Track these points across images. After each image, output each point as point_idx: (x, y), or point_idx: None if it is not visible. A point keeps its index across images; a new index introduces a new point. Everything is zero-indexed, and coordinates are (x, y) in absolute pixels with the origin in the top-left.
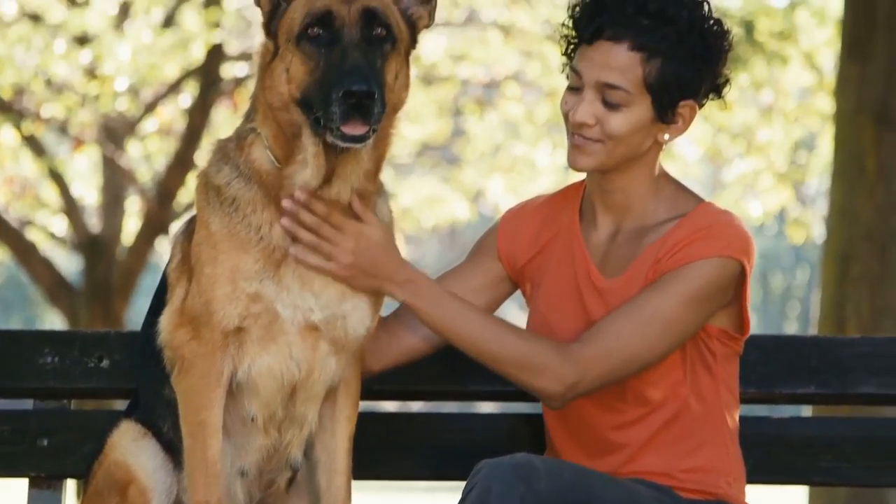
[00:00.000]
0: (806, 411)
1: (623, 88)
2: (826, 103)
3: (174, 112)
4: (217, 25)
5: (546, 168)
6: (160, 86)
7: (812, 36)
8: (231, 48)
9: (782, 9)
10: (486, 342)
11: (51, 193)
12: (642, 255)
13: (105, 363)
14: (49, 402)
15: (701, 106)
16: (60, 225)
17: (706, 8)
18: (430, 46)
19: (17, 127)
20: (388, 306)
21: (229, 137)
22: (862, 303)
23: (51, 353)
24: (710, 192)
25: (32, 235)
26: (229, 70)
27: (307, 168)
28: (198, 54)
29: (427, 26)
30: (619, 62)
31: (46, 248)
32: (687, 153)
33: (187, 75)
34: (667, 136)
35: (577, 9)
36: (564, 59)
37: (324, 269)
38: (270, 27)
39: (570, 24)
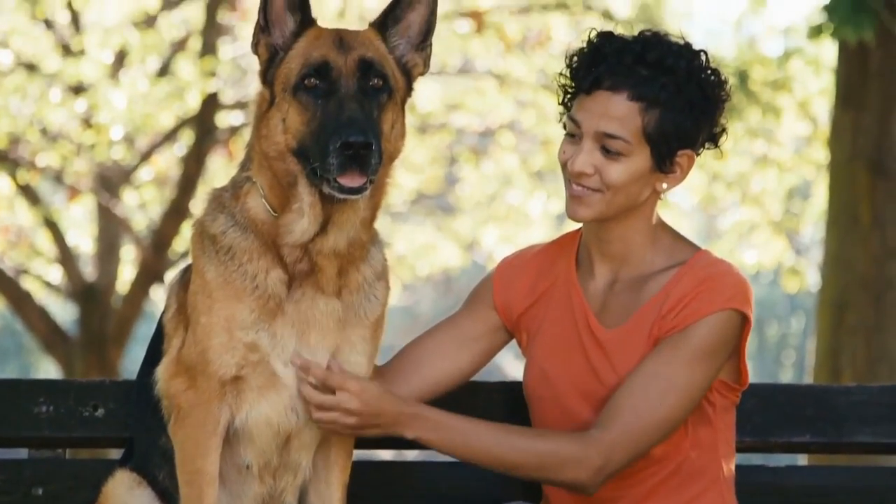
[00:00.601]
0: (801, 460)
1: (622, 138)
2: (820, 152)
3: (169, 161)
4: (212, 74)
5: (540, 217)
6: (155, 134)
7: (806, 85)
8: (226, 97)
9: (777, 58)
10: (503, 454)
11: (46, 242)
12: (644, 306)
13: (100, 412)
14: (44, 450)
15: (698, 155)
16: (56, 273)
17: (704, 58)
18: (426, 95)
19: (13, 176)
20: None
21: (225, 186)
22: (857, 351)
23: (46, 401)
24: (704, 241)
25: (28, 284)
26: (224, 119)
27: (303, 217)
28: (193, 103)
29: (422, 73)
30: (618, 112)
31: (42, 296)
32: (682, 202)
33: (182, 124)
34: (665, 186)
35: (576, 59)
36: (562, 108)
37: (334, 430)
38: (267, 76)
39: (568, 74)
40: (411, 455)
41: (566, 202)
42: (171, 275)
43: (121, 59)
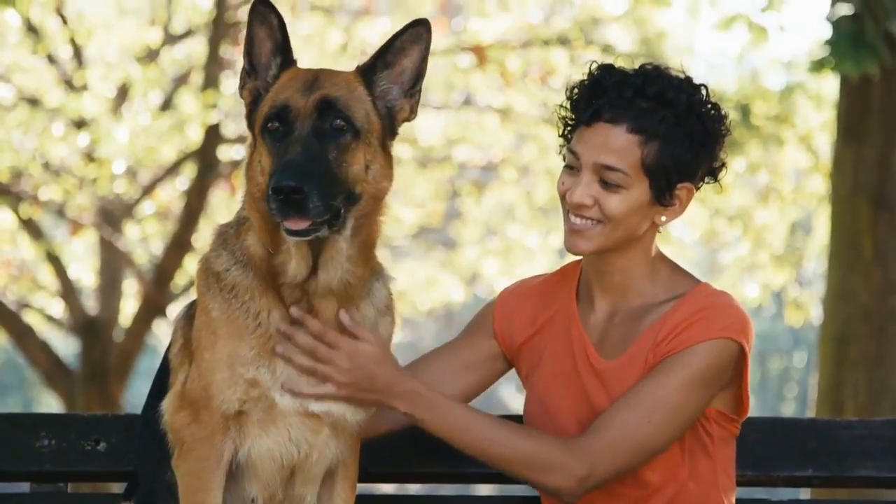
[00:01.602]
0: (804, 494)
1: (621, 170)
2: (822, 185)
3: (171, 194)
4: (214, 108)
5: (541, 250)
6: (158, 168)
7: (808, 119)
8: (228, 130)
9: (778, 92)
10: (491, 444)
11: (48, 276)
12: (641, 337)
13: (102, 446)
14: (45, 485)
15: (698, 189)
16: (57, 307)
17: (704, 92)
18: (427, 129)
19: (15, 210)
20: None
21: (230, 223)
22: (859, 385)
23: (47, 436)
24: (706, 275)
25: (29, 318)
26: (226, 152)
27: (292, 258)
28: (195, 137)
29: (408, 119)
30: (618, 144)
31: (43, 330)
32: (683, 236)
33: (185, 158)
34: (664, 219)
35: (576, 91)
36: (562, 140)
37: (321, 393)
38: (250, 120)
39: (569, 106)
40: (413, 489)
41: (565, 235)
42: (173, 308)
43: (123, 93)
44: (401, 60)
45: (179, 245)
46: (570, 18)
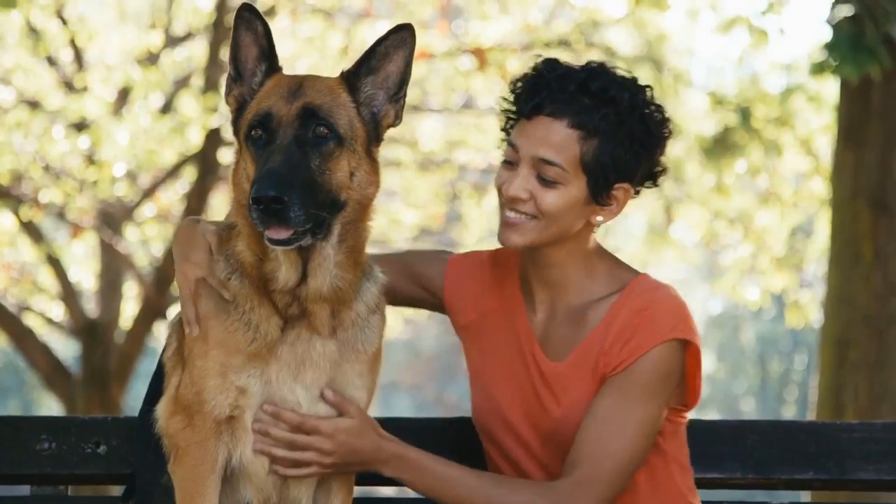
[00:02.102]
0: (804, 497)
1: (559, 165)
2: (822, 189)
3: (172, 197)
4: (214, 111)
5: None
6: (158, 171)
7: (808, 122)
8: (229, 133)
9: (778, 95)
10: (478, 501)
11: (48, 279)
12: (585, 339)
13: (102, 449)
14: (46, 487)
15: (636, 192)
16: (58, 310)
17: (648, 93)
18: (428, 132)
19: (16, 212)
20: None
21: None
22: (860, 388)
23: (48, 438)
24: (707, 277)
25: (30, 321)
26: (227, 155)
27: (281, 266)
28: (195, 140)
29: (393, 125)
30: (557, 139)
31: (44, 333)
32: (684, 238)
33: (185, 161)
34: (600, 219)
35: (519, 84)
36: (503, 135)
37: (309, 475)
38: (236, 126)
39: (512, 99)
40: (413, 492)
41: (499, 228)
42: (173, 311)
43: (123, 95)
44: (385, 66)
45: None
46: (570, 21)
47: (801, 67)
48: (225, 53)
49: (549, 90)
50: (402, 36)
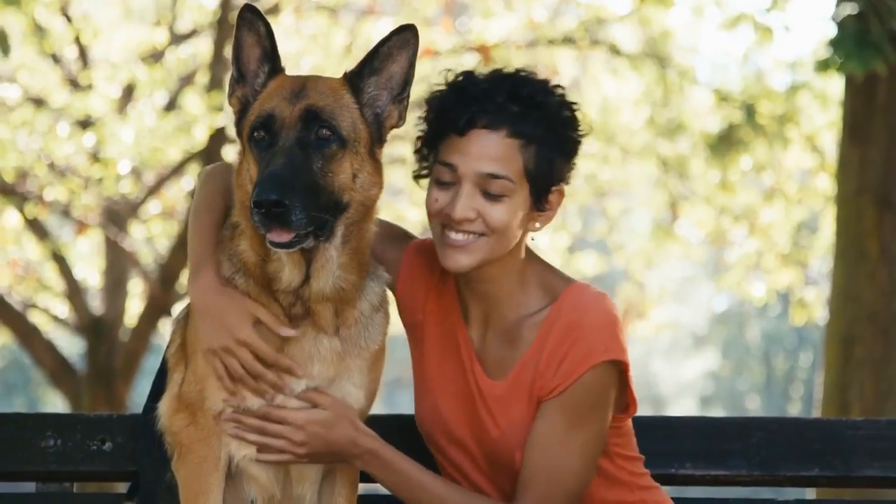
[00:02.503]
0: (810, 494)
1: (505, 177)
2: (828, 185)
3: (177, 194)
4: (219, 109)
5: (547, 249)
6: (163, 169)
7: (813, 119)
8: (233, 131)
9: (783, 92)
10: None
11: (53, 276)
12: (521, 360)
13: (107, 446)
14: (51, 484)
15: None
16: (63, 308)
17: (564, 93)
18: None
19: (21, 210)
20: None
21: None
22: (865, 385)
23: (53, 436)
24: (712, 274)
25: (35, 318)
26: (231, 153)
27: (285, 266)
28: (200, 137)
29: (396, 126)
30: (498, 151)
31: (49, 330)
32: (689, 235)
33: (190, 158)
34: (538, 225)
35: (437, 102)
36: (417, 156)
37: (283, 460)
38: (239, 128)
39: (434, 118)
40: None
41: (441, 253)
42: (178, 308)
43: (128, 93)
44: (388, 66)
45: (185, 245)
46: (575, 18)
47: (806, 64)
48: (229, 51)
49: (478, 103)
50: (406, 36)
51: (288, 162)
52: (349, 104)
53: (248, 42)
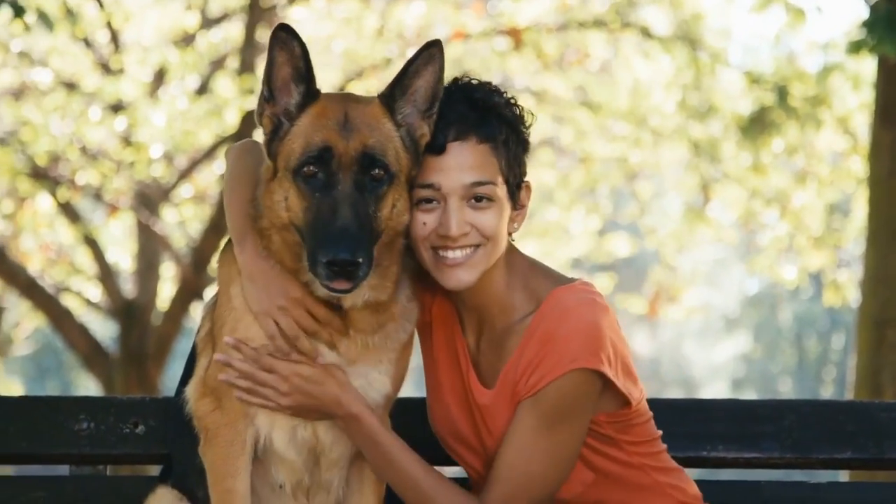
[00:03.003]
0: (843, 476)
1: (490, 182)
2: (860, 167)
3: (208, 178)
4: (251, 92)
5: (579, 232)
6: (195, 152)
7: (845, 101)
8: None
9: (816, 74)
10: (412, 486)
11: (86, 260)
12: (506, 367)
13: (140, 429)
14: (84, 467)
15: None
16: (95, 291)
17: (505, 92)
18: None
19: (53, 194)
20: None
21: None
22: None
23: (86, 419)
24: (744, 257)
25: (68, 302)
26: (262, 136)
27: (316, 282)
28: (231, 121)
29: (428, 140)
30: (475, 159)
31: (81, 314)
32: (721, 218)
33: (221, 142)
34: (516, 226)
35: None
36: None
37: (268, 407)
38: (270, 148)
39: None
40: (450, 471)
41: (439, 275)
42: (210, 292)
43: (160, 77)
44: (415, 82)
45: (216, 229)
46: (606, 1)
47: (839, 46)
48: (261, 34)
49: (443, 118)
50: (431, 52)
51: (355, 215)
52: (391, 133)
53: (279, 61)
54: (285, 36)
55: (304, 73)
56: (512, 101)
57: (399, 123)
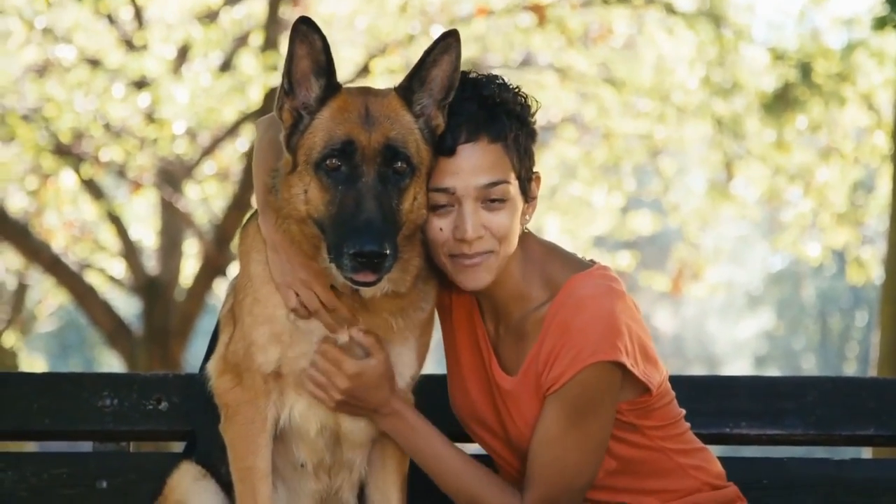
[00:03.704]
0: (866, 453)
1: (504, 181)
2: (884, 143)
3: (231, 155)
4: (274, 69)
5: (602, 209)
6: (218, 129)
7: (870, 77)
8: None
9: (840, 50)
10: (455, 480)
11: (109, 237)
12: (528, 357)
13: (163, 405)
14: (108, 444)
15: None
16: (119, 268)
17: (511, 84)
18: None
19: (76, 171)
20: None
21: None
22: None
23: (110, 395)
24: (767, 233)
25: (91, 278)
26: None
27: (334, 273)
28: (255, 97)
29: (442, 130)
30: (488, 159)
31: (105, 290)
32: (745, 194)
33: (244, 119)
34: (528, 218)
35: None
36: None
37: (317, 397)
38: (290, 141)
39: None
40: (472, 448)
41: (458, 277)
42: (233, 269)
43: (183, 53)
44: (432, 71)
45: (239, 206)
46: None
47: (863, 22)
48: (284, 11)
49: (454, 118)
50: (448, 42)
51: (379, 206)
52: (411, 125)
53: (300, 54)
54: (306, 29)
55: (325, 66)
56: (517, 91)
57: (417, 115)
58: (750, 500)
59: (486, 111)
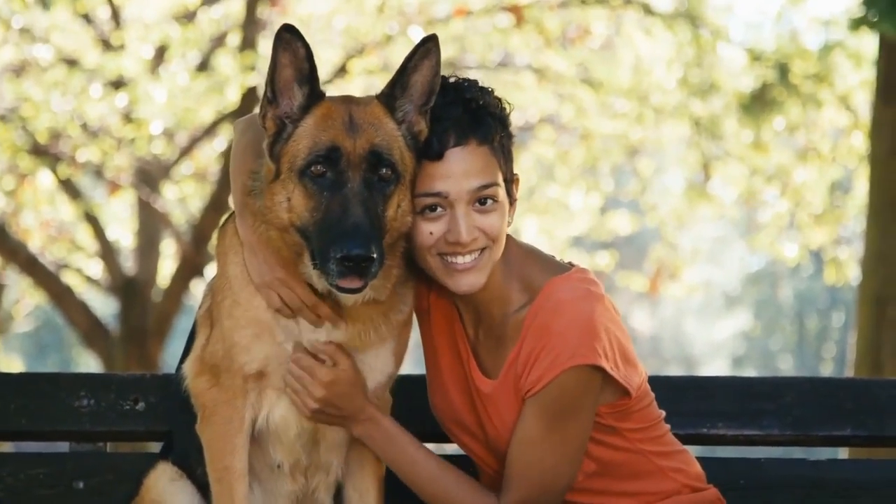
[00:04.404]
0: (842, 454)
1: (494, 183)
2: (861, 144)
3: (209, 155)
4: (252, 69)
5: (580, 210)
6: (195, 129)
7: (847, 78)
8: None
9: (817, 51)
10: (431, 485)
11: (86, 237)
12: (507, 361)
13: (141, 406)
14: (85, 444)
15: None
16: (96, 268)
17: (486, 87)
18: None
19: (54, 171)
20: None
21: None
22: None
23: (87, 395)
24: (745, 234)
25: (68, 278)
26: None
27: (316, 280)
28: (233, 98)
29: (425, 136)
30: (478, 162)
31: (82, 291)
32: (722, 195)
33: (222, 119)
34: (509, 219)
35: None
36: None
37: (294, 404)
38: (273, 150)
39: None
40: (450, 448)
41: (449, 280)
42: (210, 269)
43: (161, 53)
44: (412, 77)
45: (217, 206)
46: None
47: (840, 23)
48: (262, 11)
49: (440, 123)
50: (428, 47)
51: (366, 211)
52: (395, 132)
53: (283, 62)
54: (289, 37)
55: (308, 74)
56: (495, 96)
57: (399, 121)
58: (727, 500)
59: (471, 115)
